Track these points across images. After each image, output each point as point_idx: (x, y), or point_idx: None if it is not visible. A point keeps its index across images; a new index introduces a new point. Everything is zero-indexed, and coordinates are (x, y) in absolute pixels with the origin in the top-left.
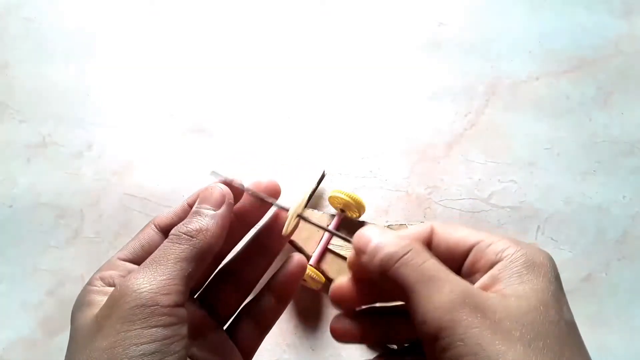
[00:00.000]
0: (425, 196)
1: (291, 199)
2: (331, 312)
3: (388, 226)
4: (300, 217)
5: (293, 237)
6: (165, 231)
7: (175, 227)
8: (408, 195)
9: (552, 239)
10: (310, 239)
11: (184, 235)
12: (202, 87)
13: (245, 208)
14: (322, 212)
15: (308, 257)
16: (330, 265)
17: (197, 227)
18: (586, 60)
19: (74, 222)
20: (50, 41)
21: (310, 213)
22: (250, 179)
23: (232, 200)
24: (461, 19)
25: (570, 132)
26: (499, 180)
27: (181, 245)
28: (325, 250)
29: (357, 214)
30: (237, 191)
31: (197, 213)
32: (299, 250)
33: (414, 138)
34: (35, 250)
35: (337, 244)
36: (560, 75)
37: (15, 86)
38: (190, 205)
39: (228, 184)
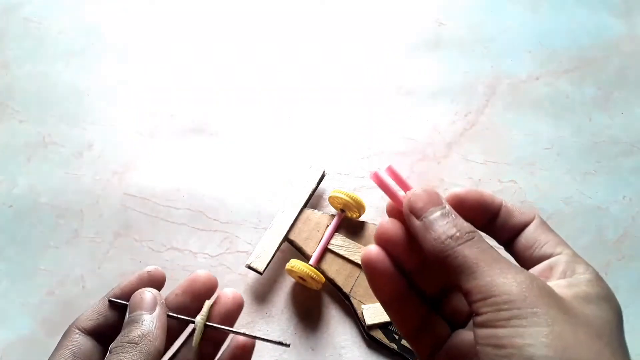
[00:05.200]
0: None
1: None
2: (331, 312)
3: None
4: (208, 326)
5: (293, 238)
6: (91, 333)
7: (116, 340)
8: None
9: None
10: (310, 239)
11: (127, 345)
12: (203, 87)
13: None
14: (322, 212)
15: (308, 257)
16: (330, 265)
17: (139, 333)
18: (586, 60)
19: (74, 222)
20: (50, 41)
21: (310, 213)
22: (247, 187)
23: (163, 300)
24: (461, 19)
25: (570, 132)
26: (499, 180)
27: (128, 354)
28: (325, 250)
29: (357, 214)
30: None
31: (134, 320)
32: (299, 250)
33: (414, 138)
34: (35, 250)
35: (337, 244)
36: (560, 75)
37: (15, 86)
38: (112, 300)
39: (152, 279)
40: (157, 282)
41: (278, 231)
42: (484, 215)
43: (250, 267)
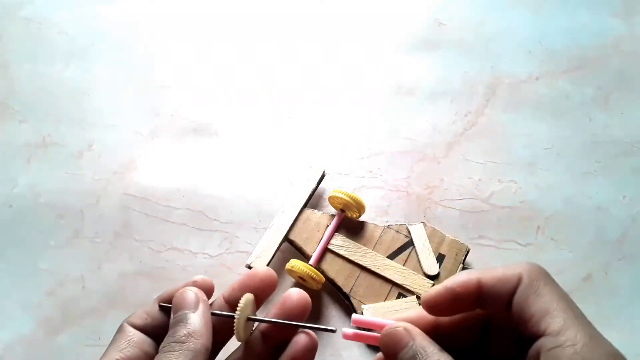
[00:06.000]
0: (425, 196)
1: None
2: (331, 312)
3: (388, 226)
4: (250, 319)
5: (293, 238)
6: (142, 330)
7: (164, 341)
8: (408, 195)
9: (552, 239)
10: (310, 239)
11: (174, 344)
12: (203, 87)
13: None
14: (322, 212)
15: (308, 257)
16: (331, 265)
17: (185, 332)
18: (586, 60)
19: (74, 222)
20: (50, 41)
21: (310, 213)
22: (247, 187)
23: (205, 297)
24: (461, 19)
25: (570, 132)
26: (499, 180)
27: (175, 352)
28: (325, 250)
29: (357, 214)
30: (207, 289)
31: (180, 320)
32: (299, 250)
33: (414, 138)
34: (35, 250)
35: (337, 244)
36: (560, 75)
37: (15, 86)
38: (161, 305)
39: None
40: (204, 291)
41: (278, 231)
42: (466, 303)
43: (250, 267)
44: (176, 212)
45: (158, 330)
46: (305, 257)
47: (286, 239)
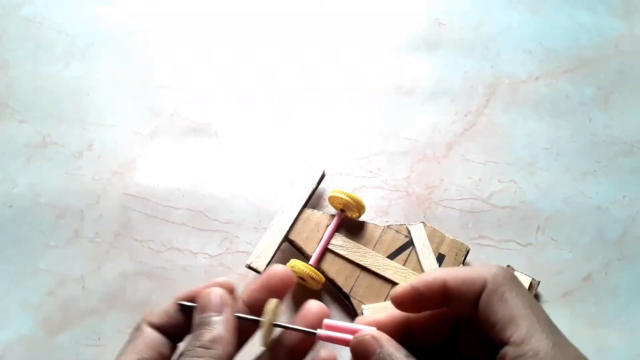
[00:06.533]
0: (425, 196)
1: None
2: (331, 312)
3: (388, 226)
4: (275, 325)
5: (293, 238)
6: (159, 330)
7: (187, 343)
8: (408, 195)
9: (552, 239)
10: (310, 239)
11: (199, 349)
12: (203, 87)
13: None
14: (322, 212)
15: (308, 257)
16: (331, 265)
17: (211, 337)
18: (586, 60)
19: (74, 222)
20: (50, 41)
21: (310, 213)
22: (247, 187)
23: (230, 301)
24: (461, 19)
25: (570, 132)
26: (499, 180)
27: (200, 358)
28: (325, 250)
29: (357, 214)
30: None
31: (205, 323)
32: (299, 250)
33: (414, 138)
34: (35, 250)
35: (337, 244)
36: (560, 75)
37: (15, 86)
38: (180, 303)
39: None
40: None
41: (278, 231)
42: (432, 302)
43: (250, 267)
44: (176, 212)
45: (175, 330)
46: (305, 257)
47: (286, 239)
